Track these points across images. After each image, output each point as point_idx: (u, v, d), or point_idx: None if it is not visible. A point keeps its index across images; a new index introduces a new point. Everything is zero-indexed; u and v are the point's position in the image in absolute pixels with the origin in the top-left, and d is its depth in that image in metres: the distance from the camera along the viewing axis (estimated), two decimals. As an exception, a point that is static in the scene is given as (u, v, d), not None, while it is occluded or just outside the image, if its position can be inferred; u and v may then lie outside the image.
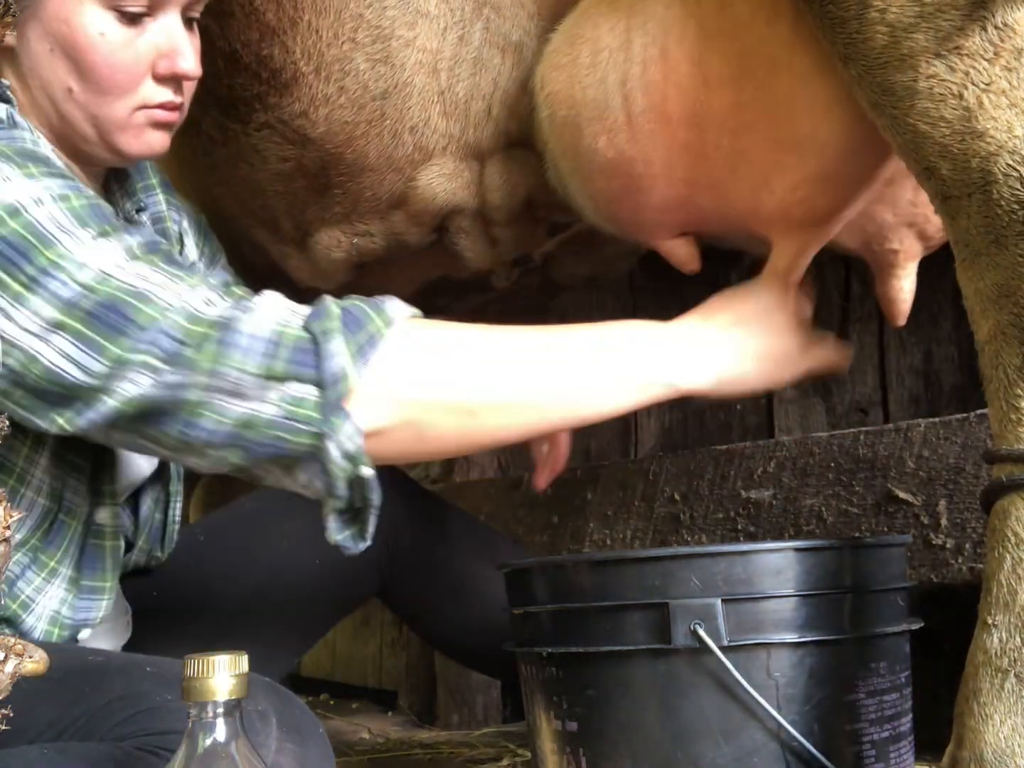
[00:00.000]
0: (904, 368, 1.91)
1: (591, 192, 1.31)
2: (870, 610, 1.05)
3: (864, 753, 1.02)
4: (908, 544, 1.30)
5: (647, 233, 1.33)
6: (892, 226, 1.28)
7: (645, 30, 1.17)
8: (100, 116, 1.16)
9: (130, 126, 1.17)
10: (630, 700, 1.04)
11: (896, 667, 1.07)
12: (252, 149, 1.43)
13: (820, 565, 1.03)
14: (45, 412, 0.99)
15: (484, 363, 1.06)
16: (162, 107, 1.18)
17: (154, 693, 0.98)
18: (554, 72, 1.27)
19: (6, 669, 0.76)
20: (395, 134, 1.38)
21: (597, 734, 1.06)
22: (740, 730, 1.00)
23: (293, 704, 1.02)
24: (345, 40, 1.31)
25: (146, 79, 1.16)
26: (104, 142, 1.18)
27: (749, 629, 1.01)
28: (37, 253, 0.98)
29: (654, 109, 1.17)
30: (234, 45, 1.32)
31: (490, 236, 1.53)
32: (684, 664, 1.01)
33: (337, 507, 1.05)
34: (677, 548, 1.46)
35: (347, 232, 1.52)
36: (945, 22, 0.89)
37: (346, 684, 2.78)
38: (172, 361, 0.97)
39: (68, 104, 1.15)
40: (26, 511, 1.12)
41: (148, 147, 1.20)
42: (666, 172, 1.21)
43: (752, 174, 1.16)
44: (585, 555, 1.44)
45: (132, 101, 1.16)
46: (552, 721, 1.10)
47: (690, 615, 1.00)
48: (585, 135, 1.25)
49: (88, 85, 1.14)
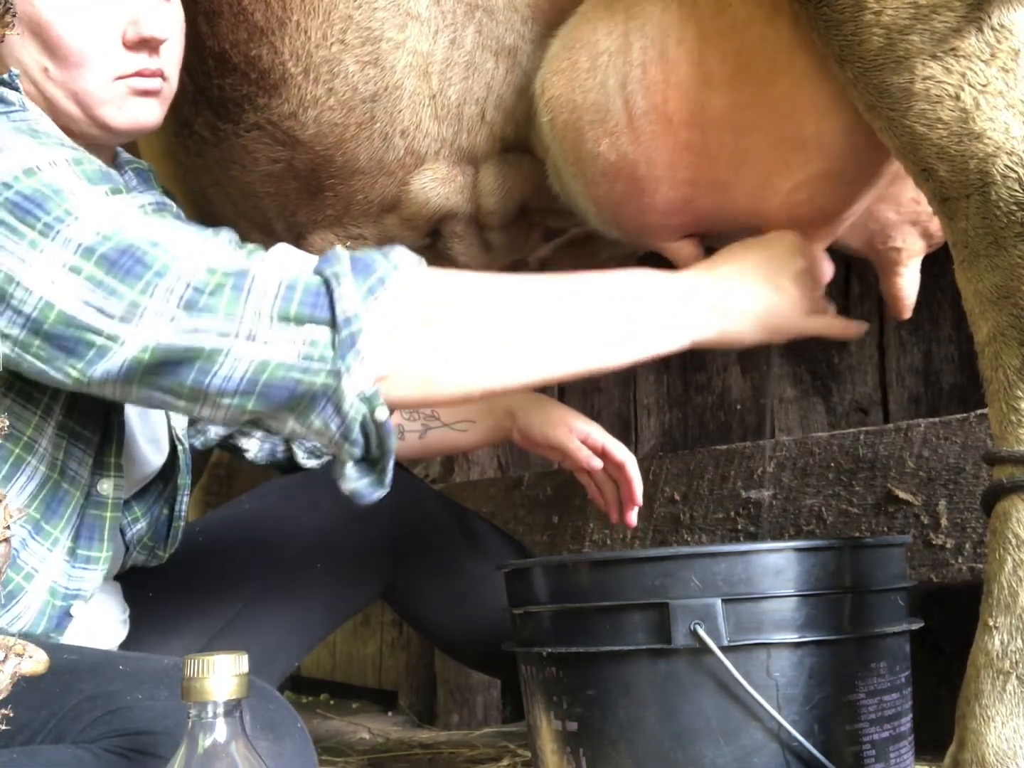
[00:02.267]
0: (904, 368, 1.91)
1: (594, 196, 1.31)
2: (870, 610, 1.05)
3: (864, 753, 1.02)
4: (908, 544, 1.30)
5: (652, 236, 1.33)
6: (895, 224, 1.28)
7: (643, 33, 1.17)
8: (79, 91, 1.16)
9: (111, 98, 1.17)
10: (630, 700, 1.04)
11: (896, 667, 1.06)
12: (243, 150, 1.43)
13: (820, 565, 1.03)
14: (61, 363, 0.99)
15: (492, 310, 1.06)
16: (140, 75, 1.18)
17: (125, 692, 0.96)
18: (554, 77, 1.27)
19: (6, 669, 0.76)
20: (386, 137, 1.38)
21: (597, 734, 1.06)
22: (740, 730, 1.00)
23: (268, 699, 1.01)
24: (334, 41, 1.31)
25: (117, 48, 1.16)
26: (90, 118, 1.18)
27: (749, 629, 1.01)
28: (53, 204, 0.98)
29: (655, 111, 1.17)
30: (223, 45, 1.32)
31: (484, 241, 1.53)
32: (684, 664, 1.01)
33: (353, 454, 1.03)
34: (677, 548, 1.46)
35: (340, 235, 1.51)
36: (941, 24, 0.89)
37: (346, 684, 2.78)
38: (188, 307, 0.97)
39: (48, 84, 1.16)
40: (30, 479, 1.13)
41: (134, 119, 1.19)
42: (669, 174, 1.21)
43: (755, 173, 1.15)
44: (585, 555, 1.44)
45: (107, 72, 1.16)
46: (552, 721, 1.10)
47: (690, 615, 1.00)
48: (587, 139, 1.25)
49: (59, 61, 1.14)
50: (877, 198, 1.22)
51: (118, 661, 1.03)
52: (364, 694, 2.72)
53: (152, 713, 0.93)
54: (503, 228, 1.50)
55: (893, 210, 1.27)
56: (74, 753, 0.91)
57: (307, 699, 2.79)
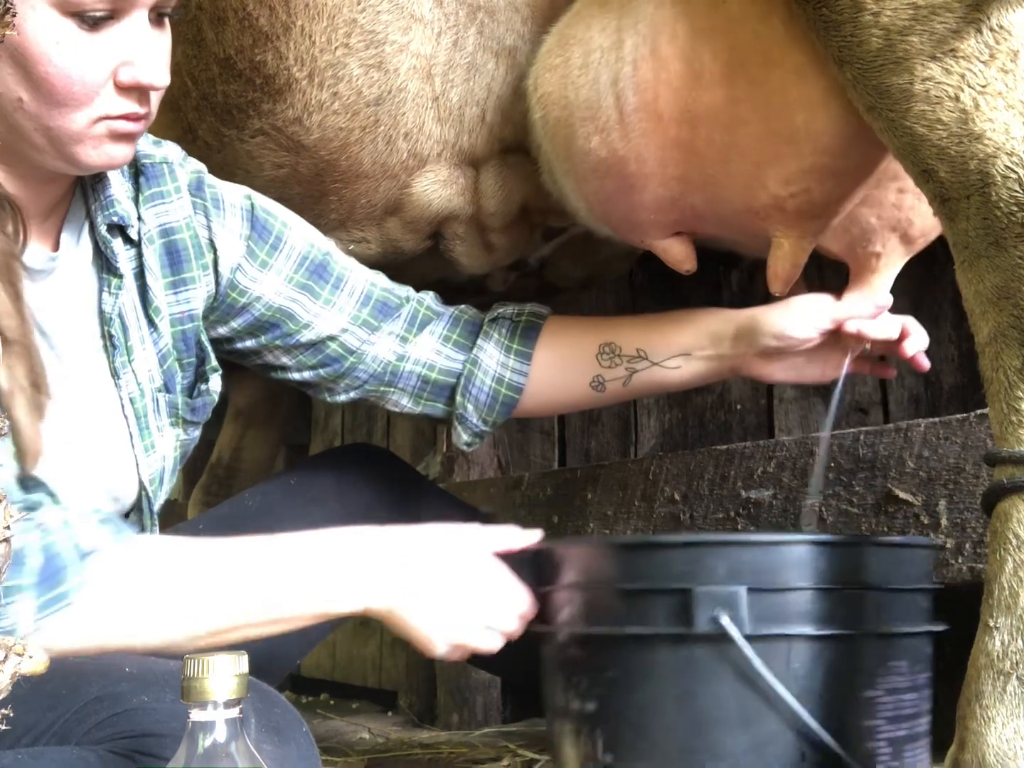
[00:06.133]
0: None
1: (585, 193, 1.31)
2: (892, 609, 1.06)
3: (879, 750, 1.03)
4: (937, 547, 1.31)
5: (641, 233, 1.32)
6: (876, 229, 1.28)
7: (636, 30, 1.17)
8: (53, 128, 1.07)
9: (88, 137, 1.09)
10: (649, 683, 1.05)
11: (916, 667, 1.07)
12: (247, 156, 1.43)
13: (846, 561, 1.04)
14: None
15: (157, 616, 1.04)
16: (125, 118, 1.09)
17: (131, 695, 0.96)
18: (547, 74, 1.27)
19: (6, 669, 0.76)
20: (389, 140, 1.37)
21: (615, 716, 1.06)
22: (757, 719, 1.01)
23: (274, 703, 1.01)
24: (338, 45, 1.30)
25: (106, 88, 1.07)
26: (58, 152, 1.09)
27: (771, 619, 1.01)
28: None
29: (646, 108, 1.18)
30: (228, 51, 1.31)
31: (485, 242, 1.53)
32: (705, 650, 1.02)
33: None
34: (704, 535, 1.48)
35: (343, 239, 1.51)
36: (940, 25, 0.89)
37: (346, 684, 2.78)
38: None
39: (17, 115, 1.06)
40: None
41: (108, 159, 1.12)
42: (659, 170, 1.21)
43: (745, 169, 1.16)
44: (612, 538, 1.44)
45: (91, 113, 1.07)
46: (570, 701, 1.11)
47: (713, 602, 1.01)
48: (578, 135, 1.25)
49: (40, 96, 1.05)
50: (859, 203, 1.22)
51: (124, 663, 1.03)
52: (364, 694, 2.71)
53: (157, 716, 0.93)
54: (504, 229, 1.50)
55: (875, 214, 1.27)
56: (80, 754, 0.91)
57: (307, 699, 2.79)
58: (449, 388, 1.44)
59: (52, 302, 1.18)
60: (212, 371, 1.33)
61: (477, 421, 1.45)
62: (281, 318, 1.35)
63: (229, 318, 1.35)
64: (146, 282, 1.25)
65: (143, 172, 1.27)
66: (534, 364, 1.43)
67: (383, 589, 1.11)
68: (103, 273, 1.22)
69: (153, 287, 1.26)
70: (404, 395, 1.44)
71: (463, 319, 1.46)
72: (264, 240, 1.34)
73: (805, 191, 1.14)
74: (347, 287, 1.38)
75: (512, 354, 1.43)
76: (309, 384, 1.43)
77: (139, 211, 1.26)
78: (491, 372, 1.43)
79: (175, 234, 1.28)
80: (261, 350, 1.39)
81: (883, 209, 1.25)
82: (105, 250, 1.21)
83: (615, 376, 1.42)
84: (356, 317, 1.38)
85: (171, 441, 1.29)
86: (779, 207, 1.16)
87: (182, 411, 1.30)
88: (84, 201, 1.23)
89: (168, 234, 1.28)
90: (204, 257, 1.30)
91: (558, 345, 1.44)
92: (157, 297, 1.26)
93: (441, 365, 1.43)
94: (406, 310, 1.42)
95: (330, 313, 1.37)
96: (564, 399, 1.49)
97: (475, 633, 1.14)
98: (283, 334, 1.36)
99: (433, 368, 1.43)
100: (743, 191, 1.18)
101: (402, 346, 1.41)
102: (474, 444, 1.49)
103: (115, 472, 1.23)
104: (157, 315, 1.26)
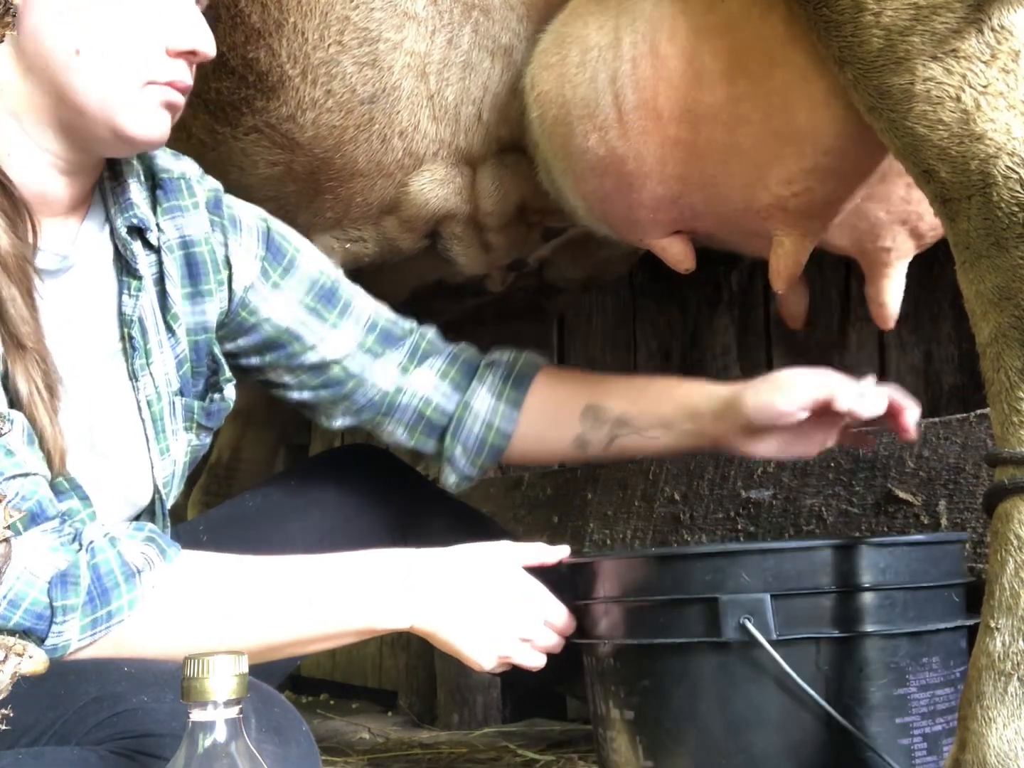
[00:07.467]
0: (904, 368, 1.91)
1: (583, 192, 1.31)
2: (922, 606, 1.07)
3: (915, 746, 1.04)
4: (966, 541, 1.32)
5: (640, 232, 1.32)
6: (885, 224, 1.28)
7: (634, 28, 1.17)
8: (106, 85, 1.10)
9: (138, 103, 1.11)
10: (683, 691, 1.08)
11: (950, 662, 1.08)
12: (241, 153, 1.43)
13: (870, 561, 1.05)
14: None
15: (200, 628, 1.06)
16: (171, 85, 1.13)
17: (130, 695, 0.96)
18: (544, 72, 1.27)
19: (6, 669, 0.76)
20: (384, 139, 1.37)
21: (653, 723, 1.10)
22: (790, 721, 1.03)
23: (274, 703, 1.01)
24: (331, 43, 1.30)
25: (160, 51, 1.11)
26: (105, 115, 1.11)
27: (799, 623, 1.04)
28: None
29: (645, 106, 1.17)
30: (220, 48, 1.31)
31: (483, 242, 1.52)
32: (735, 656, 1.05)
33: None
34: (728, 544, 1.51)
35: (340, 238, 1.51)
36: (941, 25, 0.89)
37: (346, 684, 2.78)
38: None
39: (70, 73, 1.09)
40: None
41: (149, 130, 1.13)
42: (658, 169, 1.21)
43: (746, 168, 1.15)
44: (642, 551, 1.47)
45: (142, 73, 1.10)
46: (612, 709, 1.14)
47: (740, 609, 1.04)
48: (576, 134, 1.24)
49: (99, 46, 1.08)
50: (866, 196, 1.22)
51: (123, 663, 1.03)
52: (364, 694, 2.71)
53: (157, 715, 0.93)
54: (502, 229, 1.50)
55: (883, 209, 1.26)
56: (79, 754, 0.91)
57: (307, 699, 2.79)
58: (441, 428, 1.45)
59: (69, 301, 1.18)
60: (226, 381, 1.34)
61: (465, 464, 1.46)
62: (288, 339, 1.37)
63: (237, 335, 1.36)
64: (165, 288, 1.26)
65: (161, 185, 1.27)
66: (523, 413, 1.44)
67: (428, 607, 1.13)
68: (123, 275, 1.23)
69: (172, 294, 1.26)
70: (400, 427, 1.45)
71: (461, 357, 1.47)
72: (278, 262, 1.36)
73: (807, 191, 1.14)
74: (354, 313, 1.40)
75: (504, 400, 1.44)
76: (307, 405, 1.44)
77: (157, 220, 1.26)
78: (481, 417, 1.44)
79: (195, 247, 1.29)
80: (265, 368, 1.40)
81: (892, 204, 1.25)
82: (125, 252, 1.22)
83: (598, 438, 1.43)
84: (362, 343, 1.40)
85: (183, 446, 1.30)
86: (781, 207, 1.16)
87: (198, 415, 1.31)
88: (104, 204, 1.24)
89: (188, 246, 1.28)
90: (220, 273, 1.31)
91: (547, 399, 1.45)
92: (176, 304, 1.26)
93: (437, 402, 1.44)
94: (409, 341, 1.44)
95: (336, 337, 1.38)
96: (547, 452, 1.51)
97: (519, 648, 1.16)
98: (288, 354, 1.38)
99: (429, 404, 1.44)
100: (743, 190, 1.17)
101: (402, 376, 1.42)
102: (462, 486, 1.49)
103: (132, 475, 1.24)
104: (175, 321, 1.26)
